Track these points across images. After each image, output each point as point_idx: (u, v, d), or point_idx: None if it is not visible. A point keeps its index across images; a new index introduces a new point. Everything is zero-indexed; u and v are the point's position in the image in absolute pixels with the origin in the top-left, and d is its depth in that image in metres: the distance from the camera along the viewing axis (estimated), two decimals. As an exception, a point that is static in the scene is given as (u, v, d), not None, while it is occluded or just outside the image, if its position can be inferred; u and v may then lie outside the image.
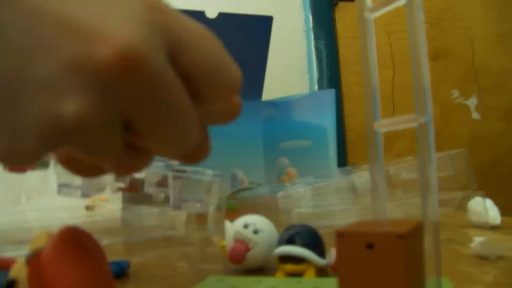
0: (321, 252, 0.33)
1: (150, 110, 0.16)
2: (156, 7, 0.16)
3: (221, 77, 0.18)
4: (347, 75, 1.36)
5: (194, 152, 0.20)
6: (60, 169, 0.38)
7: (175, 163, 0.42)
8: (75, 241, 0.21)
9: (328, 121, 0.81)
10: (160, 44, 0.16)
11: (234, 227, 0.36)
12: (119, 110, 0.15)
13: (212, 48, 0.18)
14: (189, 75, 0.17)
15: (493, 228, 0.48)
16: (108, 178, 0.38)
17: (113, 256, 0.41)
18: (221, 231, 0.39)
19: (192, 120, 0.17)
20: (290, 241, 0.33)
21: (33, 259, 0.21)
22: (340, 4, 1.37)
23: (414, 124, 0.19)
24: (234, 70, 0.18)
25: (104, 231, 0.56)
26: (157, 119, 0.16)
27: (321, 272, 0.33)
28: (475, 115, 1.42)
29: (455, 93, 1.41)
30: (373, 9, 0.21)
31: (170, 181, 0.40)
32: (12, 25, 0.14)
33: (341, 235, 0.19)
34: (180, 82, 0.16)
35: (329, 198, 0.58)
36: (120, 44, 0.14)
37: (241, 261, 0.35)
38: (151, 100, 0.15)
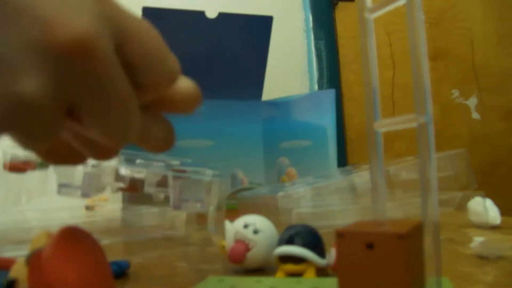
0: (321, 252, 0.33)
1: (94, 95, 0.16)
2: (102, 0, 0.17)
3: (161, 67, 0.19)
4: (347, 75, 1.37)
5: (158, 143, 0.21)
6: (60, 169, 0.38)
7: (175, 163, 0.42)
8: (75, 241, 0.21)
9: (328, 121, 0.81)
10: (108, 34, 0.16)
11: (234, 227, 0.36)
12: (67, 93, 0.16)
13: (152, 40, 0.19)
14: (131, 64, 0.18)
15: (493, 228, 0.48)
16: (108, 178, 0.38)
17: (113, 256, 0.41)
18: (221, 231, 0.39)
19: (133, 109, 0.18)
20: (290, 241, 0.33)
21: (33, 259, 0.21)
22: (340, 4, 1.37)
23: (414, 124, 0.19)
24: (173, 61, 0.19)
25: (104, 231, 0.56)
26: (99, 106, 0.17)
27: (321, 272, 0.33)
28: (475, 115, 1.42)
29: (455, 93, 1.41)
30: (373, 9, 0.21)
31: (170, 181, 0.40)
32: None
33: (341, 235, 0.19)
34: (123, 71, 0.17)
35: (329, 198, 0.57)
36: (76, 29, 0.15)
37: (241, 261, 0.35)
38: (96, 86, 0.16)
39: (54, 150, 0.21)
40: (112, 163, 0.39)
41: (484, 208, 0.48)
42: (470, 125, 1.41)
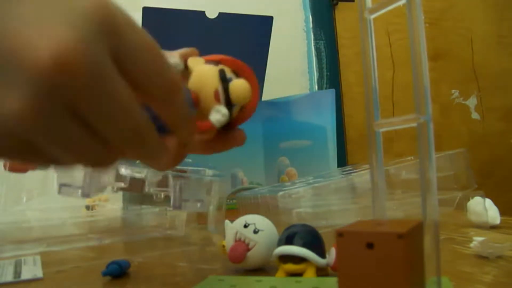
0: (321, 252, 0.33)
1: (95, 102, 0.16)
2: (103, 12, 0.17)
3: (159, 80, 0.19)
4: (347, 75, 1.36)
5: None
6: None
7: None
8: None
9: (328, 121, 0.81)
10: (101, 46, 0.16)
11: (234, 227, 0.36)
12: (65, 102, 0.16)
13: (151, 53, 0.19)
14: (131, 76, 0.18)
15: (493, 228, 0.48)
16: (109, 178, 0.38)
17: (114, 255, 0.41)
18: (221, 231, 0.39)
19: (138, 113, 0.18)
20: (290, 241, 0.33)
21: None
22: (340, 4, 1.37)
23: (414, 124, 0.19)
24: (171, 75, 0.20)
25: (104, 230, 0.56)
26: (104, 110, 0.17)
27: (321, 272, 0.33)
28: (475, 115, 1.42)
29: (455, 93, 1.41)
30: (373, 9, 0.21)
31: (171, 181, 0.40)
32: None
33: (341, 235, 0.19)
34: (121, 78, 0.17)
35: (329, 198, 0.57)
36: (53, 48, 0.15)
37: (241, 261, 0.35)
38: (94, 94, 0.16)
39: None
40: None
41: (484, 208, 0.48)
42: (470, 125, 1.41)
